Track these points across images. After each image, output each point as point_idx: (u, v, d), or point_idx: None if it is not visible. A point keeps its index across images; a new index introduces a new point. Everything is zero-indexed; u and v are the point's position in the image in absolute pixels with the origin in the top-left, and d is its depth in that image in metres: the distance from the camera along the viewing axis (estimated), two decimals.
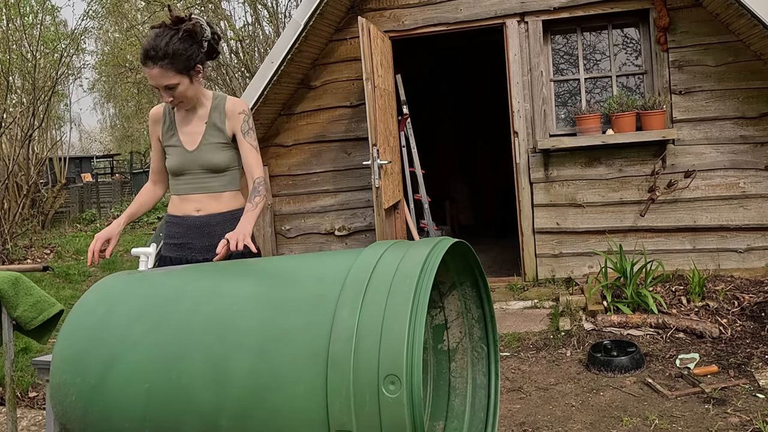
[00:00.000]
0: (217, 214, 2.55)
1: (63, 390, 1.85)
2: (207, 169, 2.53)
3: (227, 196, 2.58)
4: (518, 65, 5.48)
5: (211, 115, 2.54)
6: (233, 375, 1.66)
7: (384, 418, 1.48)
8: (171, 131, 2.58)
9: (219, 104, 2.55)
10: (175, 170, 2.57)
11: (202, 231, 2.55)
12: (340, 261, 1.76)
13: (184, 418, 1.71)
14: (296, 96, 6.01)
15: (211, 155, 2.52)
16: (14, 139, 9.53)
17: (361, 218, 5.99)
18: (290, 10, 14.22)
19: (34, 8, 12.16)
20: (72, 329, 1.92)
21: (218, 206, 2.56)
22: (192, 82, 2.46)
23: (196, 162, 2.53)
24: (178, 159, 2.55)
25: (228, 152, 2.54)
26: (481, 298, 2.14)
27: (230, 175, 2.58)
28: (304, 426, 1.57)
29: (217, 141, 2.53)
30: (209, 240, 2.53)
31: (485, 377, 2.15)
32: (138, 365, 1.77)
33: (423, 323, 1.52)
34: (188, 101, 2.50)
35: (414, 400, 1.47)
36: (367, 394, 1.50)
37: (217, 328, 1.73)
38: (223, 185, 2.57)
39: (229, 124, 2.53)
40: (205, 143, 2.53)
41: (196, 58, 2.45)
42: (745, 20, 4.74)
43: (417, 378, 1.48)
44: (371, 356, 1.51)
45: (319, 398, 1.55)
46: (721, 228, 5.23)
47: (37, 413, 3.86)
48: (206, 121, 2.54)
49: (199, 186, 2.55)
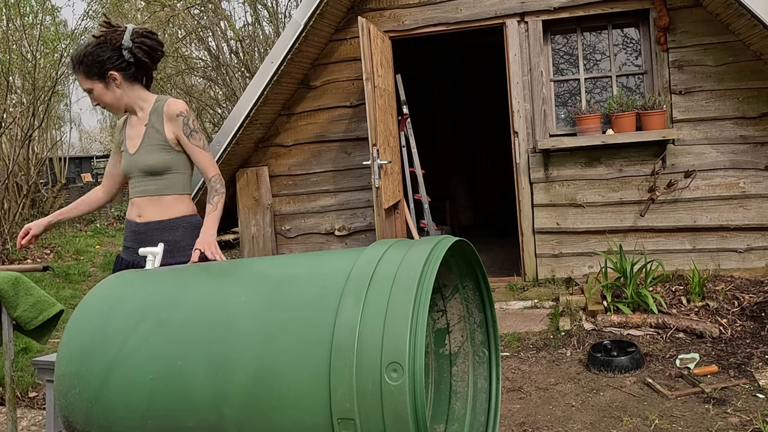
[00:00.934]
0: (156, 222, 2.58)
1: (68, 382, 1.86)
2: (145, 171, 2.57)
3: (168, 201, 2.58)
4: (518, 65, 5.48)
5: (150, 118, 2.59)
6: (237, 363, 1.68)
7: (386, 406, 1.49)
8: (122, 136, 2.69)
9: (158, 107, 2.59)
10: (124, 174, 2.66)
11: (142, 238, 2.60)
12: (343, 259, 1.78)
13: (188, 406, 1.72)
14: (296, 96, 6.01)
15: (147, 157, 2.55)
16: (14, 139, 9.54)
17: (361, 218, 5.99)
18: (290, 10, 14.22)
19: (34, 8, 12.16)
20: (77, 325, 1.93)
21: (159, 213, 2.58)
22: (107, 87, 2.53)
23: (136, 165, 2.59)
24: (124, 163, 2.63)
25: (166, 154, 2.56)
26: (483, 301, 2.15)
27: (170, 178, 2.58)
28: (307, 414, 1.59)
29: (155, 143, 2.56)
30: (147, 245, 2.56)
31: (486, 381, 2.16)
32: (141, 363, 1.79)
33: (426, 313, 1.54)
34: (110, 106, 2.57)
35: (416, 388, 1.48)
36: (370, 382, 1.51)
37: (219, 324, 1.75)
38: (161, 188, 2.58)
39: (169, 127, 2.56)
40: (143, 145, 2.57)
41: (109, 64, 2.51)
42: (745, 20, 4.74)
43: (419, 366, 1.49)
44: (374, 344, 1.53)
45: (322, 385, 1.56)
46: (721, 228, 5.23)
47: (37, 413, 3.86)
48: (146, 123, 2.60)
49: (140, 189, 2.60)
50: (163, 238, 2.55)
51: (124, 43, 2.53)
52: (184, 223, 2.62)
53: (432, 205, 6.53)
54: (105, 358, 1.83)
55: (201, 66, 15.42)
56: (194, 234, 2.59)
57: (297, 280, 1.76)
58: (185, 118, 2.56)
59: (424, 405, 1.51)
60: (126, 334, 1.84)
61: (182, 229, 2.60)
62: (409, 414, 1.48)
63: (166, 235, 2.57)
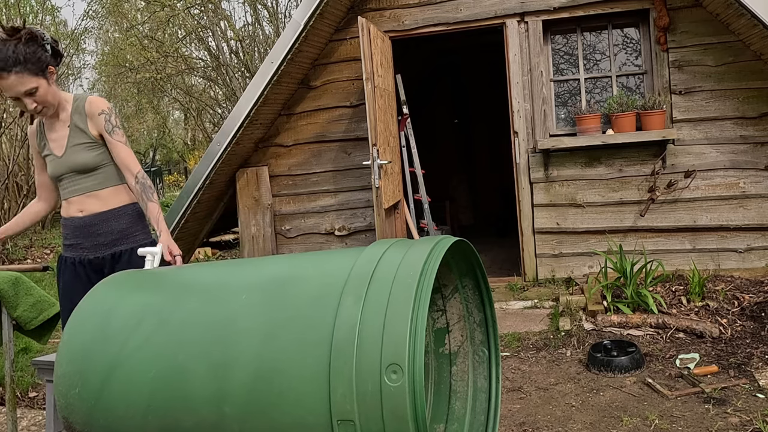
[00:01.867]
0: (100, 214, 2.63)
1: (68, 382, 1.86)
2: (76, 170, 2.59)
3: (108, 193, 2.63)
4: (518, 65, 5.48)
5: (72, 118, 2.59)
6: (238, 362, 1.68)
7: (386, 408, 1.49)
8: (42, 142, 2.66)
9: (79, 106, 2.60)
10: (52, 177, 2.65)
11: (87, 231, 2.63)
12: (343, 258, 1.78)
13: (189, 405, 1.72)
14: (296, 96, 6.01)
15: (77, 156, 2.57)
16: (14, 139, 9.54)
17: (361, 218, 5.99)
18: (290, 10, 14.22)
19: (34, 8, 12.17)
20: (77, 325, 1.93)
21: (101, 205, 2.62)
22: (49, 83, 2.50)
23: (66, 165, 2.59)
24: (52, 166, 2.63)
25: (94, 151, 2.59)
26: (483, 301, 2.14)
27: (104, 173, 2.62)
28: (307, 413, 1.59)
29: (81, 142, 2.58)
30: (95, 239, 2.63)
31: (486, 381, 2.16)
32: (142, 362, 1.79)
33: (425, 314, 1.54)
34: (50, 105, 2.53)
35: (416, 390, 1.48)
36: (370, 383, 1.51)
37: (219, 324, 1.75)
38: (99, 183, 2.62)
39: (92, 124, 2.59)
40: (70, 146, 2.59)
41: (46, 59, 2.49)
42: (745, 20, 4.74)
43: (419, 367, 1.49)
44: (374, 345, 1.53)
45: (323, 385, 1.56)
46: (721, 228, 5.23)
47: (37, 413, 3.86)
48: (69, 124, 2.60)
49: (76, 188, 2.62)
50: (110, 227, 2.62)
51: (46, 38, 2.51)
52: (129, 210, 2.68)
53: (432, 205, 6.53)
54: (105, 358, 1.83)
55: (201, 66, 15.42)
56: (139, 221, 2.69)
57: (297, 279, 1.76)
58: (107, 115, 2.59)
59: (424, 407, 1.50)
60: (127, 333, 1.84)
61: (128, 217, 2.67)
62: (409, 416, 1.48)
63: (112, 224, 2.63)
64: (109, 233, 2.63)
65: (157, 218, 2.53)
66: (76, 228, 2.64)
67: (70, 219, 2.66)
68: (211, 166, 5.72)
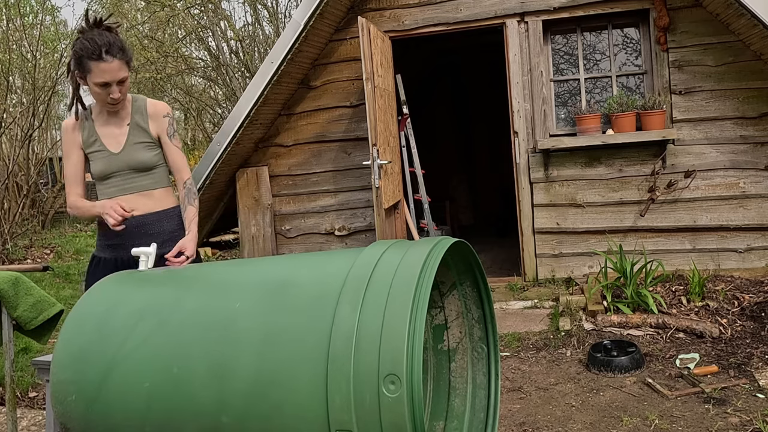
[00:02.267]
0: (153, 213, 2.62)
1: (64, 389, 1.85)
2: (135, 168, 2.59)
3: (159, 194, 2.65)
4: (518, 65, 5.48)
5: (133, 117, 2.60)
6: (234, 372, 1.66)
7: (384, 418, 1.48)
8: (92, 137, 2.61)
9: (140, 106, 2.62)
10: (101, 174, 2.60)
11: (138, 231, 2.59)
12: (341, 260, 1.77)
13: (186, 415, 1.71)
14: (296, 96, 6.01)
15: (138, 154, 2.58)
16: (14, 139, 9.53)
17: (361, 218, 5.99)
18: (290, 10, 14.21)
19: (34, 8, 12.16)
20: (74, 328, 1.92)
21: (152, 205, 2.62)
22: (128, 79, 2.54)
23: (124, 162, 2.58)
24: (103, 162, 2.59)
25: (153, 151, 2.61)
26: (482, 298, 2.14)
27: (159, 173, 2.65)
28: (304, 424, 1.57)
29: (142, 141, 2.60)
30: (146, 239, 2.58)
31: (485, 377, 2.15)
32: (140, 364, 1.78)
33: (423, 322, 1.52)
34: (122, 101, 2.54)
35: (414, 400, 1.47)
36: (367, 394, 1.50)
37: (218, 326, 1.74)
38: (154, 182, 2.63)
39: (153, 125, 2.61)
40: (130, 143, 2.58)
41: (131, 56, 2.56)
42: (745, 20, 4.74)
43: (417, 377, 1.48)
44: (371, 355, 1.51)
45: (320, 396, 1.55)
46: (721, 228, 5.23)
47: (37, 413, 3.86)
48: (128, 122, 2.60)
49: (129, 186, 2.60)
50: (162, 228, 2.61)
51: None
52: (178, 212, 2.68)
53: (432, 205, 6.53)
54: (102, 361, 1.82)
55: (201, 66, 15.42)
56: (183, 224, 2.65)
57: (295, 281, 1.75)
58: (170, 119, 2.64)
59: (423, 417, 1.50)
60: (124, 334, 1.82)
61: (177, 219, 2.67)
62: (407, 426, 1.47)
63: (164, 225, 2.62)
64: (160, 234, 2.61)
65: (191, 219, 2.56)
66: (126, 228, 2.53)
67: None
68: (211, 166, 5.72)
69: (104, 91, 2.48)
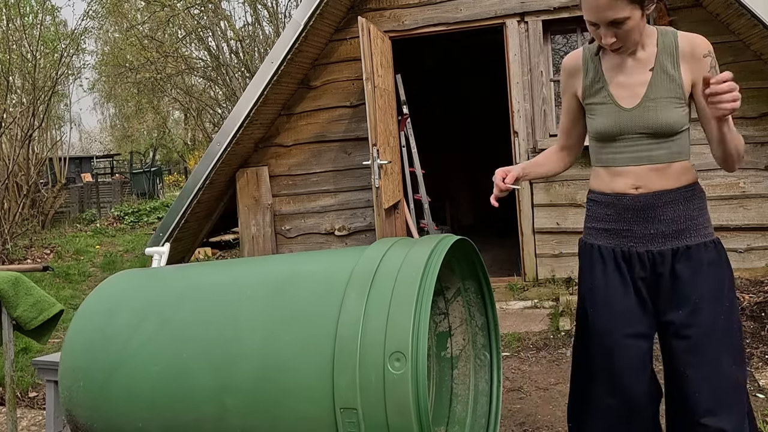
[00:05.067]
0: (665, 192, 1.92)
1: (72, 376, 1.87)
2: (649, 133, 1.91)
3: (676, 169, 1.94)
4: (518, 65, 5.48)
5: (658, 59, 1.91)
6: (242, 357, 1.69)
7: (388, 395, 1.50)
8: (598, 84, 1.98)
9: (667, 43, 1.91)
10: (603, 134, 1.97)
11: (643, 215, 1.94)
12: (346, 256, 1.79)
13: (192, 400, 1.73)
14: (296, 96, 6.01)
15: (658, 113, 1.89)
16: (14, 139, 9.54)
17: (361, 218, 5.99)
18: (290, 10, 14.22)
19: (34, 8, 12.17)
20: (85, 319, 1.94)
21: (666, 182, 1.93)
22: (642, 17, 1.85)
23: (636, 123, 1.91)
24: (610, 120, 1.95)
25: (682, 109, 1.91)
26: (485, 304, 2.15)
27: (682, 140, 1.94)
28: (311, 404, 1.60)
29: (668, 95, 1.90)
30: (652, 226, 1.94)
31: (487, 384, 2.16)
32: (147, 353, 1.80)
33: (429, 305, 1.55)
34: (632, 44, 1.89)
35: (418, 378, 1.49)
36: (373, 372, 1.52)
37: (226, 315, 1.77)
38: (674, 153, 1.93)
39: (687, 69, 1.89)
40: (650, 98, 1.91)
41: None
42: (745, 20, 4.74)
43: (422, 356, 1.50)
44: (378, 335, 1.54)
45: (326, 376, 1.58)
46: (721, 228, 5.23)
47: (37, 413, 3.86)
48: (651, 67, 1.92)
49: (638, 156, 1.93)
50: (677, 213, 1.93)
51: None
52: (698, 192, 1.97)
53: (432, 205, 6.53)
54: (109, 355, 1.84)
55: (201, 66, 15.42)
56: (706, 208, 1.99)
57: (300, 276, 1.77)
58: (713, 60, 1.89)
59: (426, 394, 1.51)
60: (130, 332, 1.85)
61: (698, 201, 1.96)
62: (411, 402, 1.49)
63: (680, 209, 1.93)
64: (673, 221, 1.92)
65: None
66: (626, 209, 1.96)
67: (614, 196, 1.98)
68: (211, 166, 5.72)
69: (595, 32, 1.90)
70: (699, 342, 1.89)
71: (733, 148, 1.85)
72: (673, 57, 1.89)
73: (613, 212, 1.98)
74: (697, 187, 1.97)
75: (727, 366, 1.90)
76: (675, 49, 1.89)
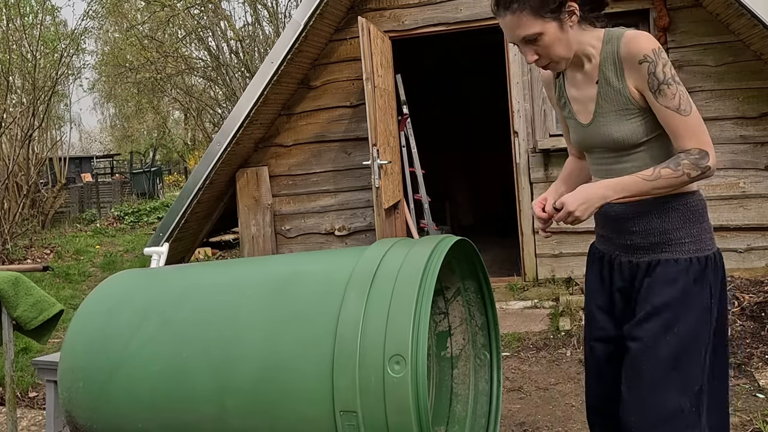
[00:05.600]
0: (636, 205, 1.81)
1: (72, 375, 1.87)
2: (608, 148, 1.82)
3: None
4: (518, 65, 5.48)
5: (602, 70, 1.77)
6: (242, 357, 1.69)
7: (388, 398, 1.50)
8: (562, 99, 1.92)
9: (611, 51, 1.75)
10: (578, 147, 1.95)
11: (618, 225, 1.88)
12: (348, 255, 1.79)
13: (193, 401, 1.73)
14: (296, 96, 6.01)
15: (609, 129, 1.78)
16: (14, 139, 9.53)
17: (361, 218, 5.99)
18: (290, 10, 14.22)
19: (34, 8, 12.17)
20: (85, 319, 1.94)
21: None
22: (562, 28, 1.73)
23: (594, 138, 1.83)
24: (577, 135, 1.90)
25: (633, 120, 1.76)
26: (485, 304, 2.15)
27: (647, 151, 1.78)
28: (310, 406, 1.60)
29: (615, 108, 1.77)
30: (628, 237, 1.86)
31: (487, 384, 2.16)
32: (148, 354, 1.80)
33: (429, 308, 1.55)
34: (562, 58, 1.76)
35: (418, 381, 1.49)
36: (373, 374, 1.52)
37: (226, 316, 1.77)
38: (638, 167, 1.78)
39: (629, 77, 1.72)
40: (599, 113, 1.80)
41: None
42: (745, 20, 4.74)
43: (422, 358, 1.50)
44: (377, 337, 1.54)
45: (326, 378, 1.58)
46: (721, 228, 5.23)
47: (37, 413, 3.86)
48: (597, 80, 1.79)
49: (605, 168, 1.85)
50: (650, 225, 1.81)
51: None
52: (679, 204, 1.80)
53: (432, 205, 6.53)
54: (109, 355, 1.84)
55: (201, 66, 15.42)
56: (690, 222, 1.80)
57: (300, 276, 1.77)
58: (651, 65, 1.68)
59: (426, 396, 1.51)
60: (130, 332, 1.85)
61: (677, 214, 1.80)
62: (411, 405, 1.48)
63: (653, 222, 1.81)
64: (646, 233, 1.82)
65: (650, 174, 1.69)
66: (608, 218, 1.90)
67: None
68: (211, 166, 5.72)
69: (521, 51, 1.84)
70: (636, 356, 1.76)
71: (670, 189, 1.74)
72: (617, 66, 1.74)
73: (602, 219, 1.95)
74: (680, 201, 1.79)
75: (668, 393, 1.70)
76: (617, 57, 1.73)
